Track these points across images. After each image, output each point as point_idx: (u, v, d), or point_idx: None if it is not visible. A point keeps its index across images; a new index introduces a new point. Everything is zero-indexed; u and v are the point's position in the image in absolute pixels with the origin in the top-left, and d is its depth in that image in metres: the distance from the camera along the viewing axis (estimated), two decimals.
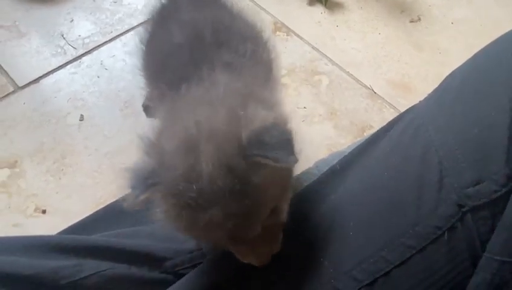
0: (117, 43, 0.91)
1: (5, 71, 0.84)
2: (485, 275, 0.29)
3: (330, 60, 0.91)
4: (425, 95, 0.38)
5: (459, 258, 0.30)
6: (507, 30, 0.39)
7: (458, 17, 1.02)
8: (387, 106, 0.85)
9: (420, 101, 0.42)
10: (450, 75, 0.38)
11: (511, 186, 0.28)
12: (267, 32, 0.50)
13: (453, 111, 0.33)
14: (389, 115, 0.84)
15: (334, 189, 0.41)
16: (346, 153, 0.60)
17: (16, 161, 0.73)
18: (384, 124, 0.83)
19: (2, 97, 0.80)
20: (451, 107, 0.34)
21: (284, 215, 0.38)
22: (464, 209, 0.30)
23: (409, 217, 0.32)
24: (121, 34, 0.93)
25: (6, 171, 0.71)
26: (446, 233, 0.30)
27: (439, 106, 0.35)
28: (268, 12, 0.98)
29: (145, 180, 0.32)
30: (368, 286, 0.33)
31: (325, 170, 0.62)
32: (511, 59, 0.32)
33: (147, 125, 0.39)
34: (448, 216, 0.30)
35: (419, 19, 1.01)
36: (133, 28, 0.93)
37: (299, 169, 0.74)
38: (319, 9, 1.00)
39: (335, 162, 0.61)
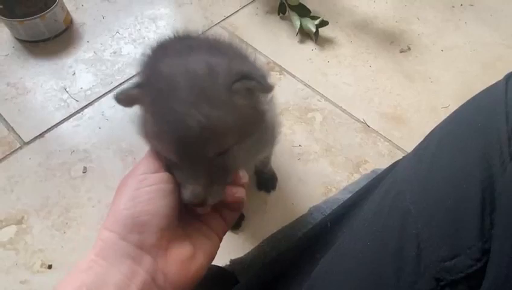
0: None
1: (12, 128, 0.88)
2: None
3: (323, 96, 0.93)
4: (419, 126, 0.38)
5: None
6: (498, 54, 0.39)
7: (448, 44, 1.03)
8: (382, 139, 0.86)
9: (403, 157, 0.42)
10: (431, 133, 0.37)
11: (486, 260, 0.28)
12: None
13: (428, 179, 0.33)
14: (384, 149, 0.85)
15: (322, 250, 0.42)
16: (340, 201, 0.60)
17: (23, 217, 0.75)
18: (379, 158, 0.84)
19: (10, 154, 0.84)
20: (426, 175, 0.34)
21: (234, 165, 0.39)
22: (442, 284, 0.30)
23: None
24: (121, 84, 0.97)
25: (13, 228, 0.74)
26: None
27: (415, 171, 0.35)
28: (261, 53, 1.01)
29: (134, 84, 0.39)
30: None
31: (319, 219, 0.63)
32: (480, 124, 0.32)
33: None
34: None
35: (409, 49, 1.03)
36: (132, 77, 0.97)
37: (295, 212, 0.76)
38: (310, 47, 1.03)
39: (328, 211, 0.62)
